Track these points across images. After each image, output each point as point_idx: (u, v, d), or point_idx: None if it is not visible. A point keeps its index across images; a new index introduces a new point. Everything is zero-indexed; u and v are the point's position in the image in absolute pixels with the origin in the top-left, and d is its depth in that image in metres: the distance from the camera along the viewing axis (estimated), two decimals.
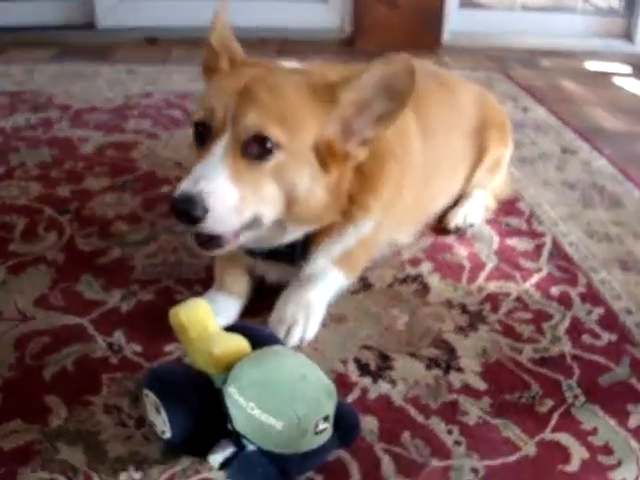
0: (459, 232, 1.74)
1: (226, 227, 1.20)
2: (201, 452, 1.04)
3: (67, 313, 1.37)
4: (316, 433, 0.96)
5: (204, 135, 1.22)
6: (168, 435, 1.02)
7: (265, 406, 0.95)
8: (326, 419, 0.97)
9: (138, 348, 1.28)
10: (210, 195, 1.15)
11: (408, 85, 1.22)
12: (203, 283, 1.48)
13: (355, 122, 1.27)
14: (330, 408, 0.98)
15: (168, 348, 1.28)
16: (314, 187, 1.27)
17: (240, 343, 1.06)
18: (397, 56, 1.21)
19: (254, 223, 1.24)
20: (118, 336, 1.31)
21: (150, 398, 1.04)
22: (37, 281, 1.47)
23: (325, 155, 1.25)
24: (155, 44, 3.35)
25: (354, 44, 3.40)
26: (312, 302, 1.36)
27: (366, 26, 3.34)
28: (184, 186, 1.15)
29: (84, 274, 1.50)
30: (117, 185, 1.90)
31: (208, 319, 1.09)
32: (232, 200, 1.17)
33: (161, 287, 1.47)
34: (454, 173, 1.75)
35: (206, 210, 1.14)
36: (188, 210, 1.13)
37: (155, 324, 1.34)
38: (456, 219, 1.75)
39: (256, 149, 1.20)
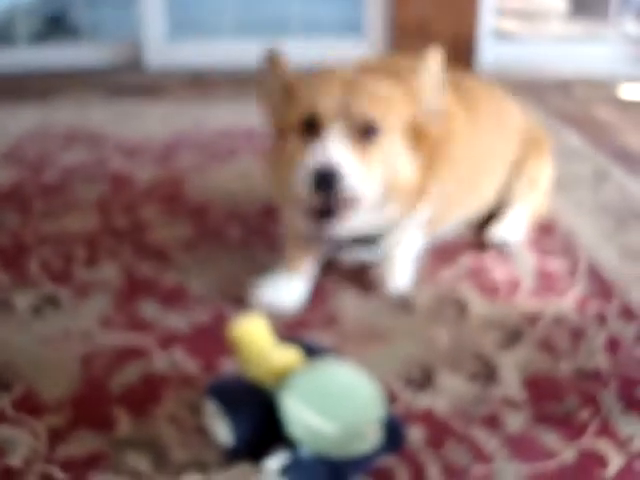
0: (500, 247, 1.82)
1: (355, 194, 1.36)
2: (259, 458, 1.12)
3: (130, 333, 1.47)
4: (367, 437, 1.04)
5: (313, 127, 1.39)
6: (229, 441, 1.11)
7: (320, 412, 1.03)
8: (377, 423, 1.05)
9: (197, 364, 1.38)
10: (342, 164, 1.33)
11: (442, 72, 1.48)
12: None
13: (427, 103, 1.48)
14: (379, 414, 1.06)
15: (225, 363, 1.37)
16: (408, 169, 1.46)
17: (294, 355, 1.15)
18: (432, 53, 1.47)
19: (359, 202, 1.39)
20: (178, 353, 1.41)
21: (213, 406, 1.13)
22: (101, 304, 1.58)
23: (413, 136, 1.45)
24: (202, 83, 3.50)
25: None
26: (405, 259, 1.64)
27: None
28: (321, 159, 1.32)
29: (144, 297, 1.60)
30: (171, 216, 2.01)
31: (263, 333, 1.17)
32: (360, 175, 1.35)
33: (216, 308, 1.56)
34: (494, 174, 1.84)
35: (342, 177, 1.31)
36: (329, 175, 1.30)
37: (212, 342, 1.44)
38: (498, 233, 1.83)
39: (364, 134, 1.38)
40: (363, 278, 1.68)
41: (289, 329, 1.46)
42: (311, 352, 1.18)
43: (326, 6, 3.95)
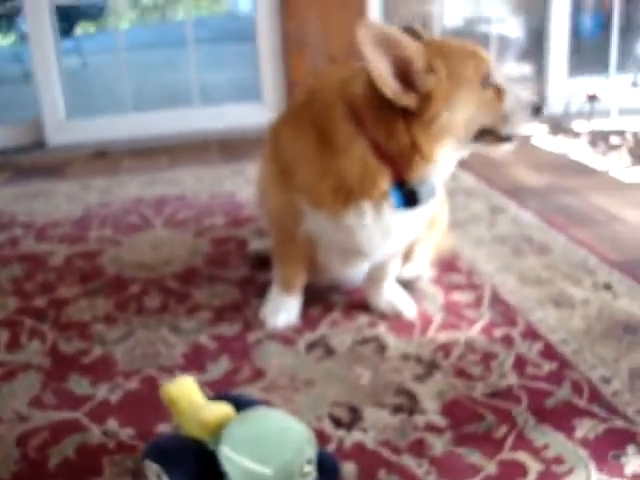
0: (411, 285, 1.95)
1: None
2: None
3: (61, 410, 1.49)
4: (302, 476, 1.10)
5: (489, 82, 1.52)
6: None
7: (256, 457, 1.09)
8: (309, 462, 1.11)
9: (131, 432, 1.41)
10: None
11: None
12: (182, 368, 1.61)
13: None
14: (312, 453, 1.13)
15: (159, 428, 1.41)
16: None
17: (225, 408, 1.20)
18: None
19: None
20: (112, 424, 1.43)
21: (152, 467, 1.17)
22: (28, 385, 1.58)
23: None
24: (105, 157, 3.54)
25: None
26: (395, 287, 1.88)
27: None
28: (530, 98, 1.56)
29: (71, 373, 1.62)
30: (89, 291, 2.04)
31: (194, 391, 1.23)
32: None
33: (144, 376, 1.60)
34: None
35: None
36: (543, 108, 1.56)
37: (144, 408, 1.47)
38: (406, 273, 1.95)
39: None
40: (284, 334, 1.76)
41: (217, 388, 1.51)
42: (240, 405, 1.24)
43: (223, 74, 4.09)
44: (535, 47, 4.20)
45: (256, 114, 3.74)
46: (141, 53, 4.15)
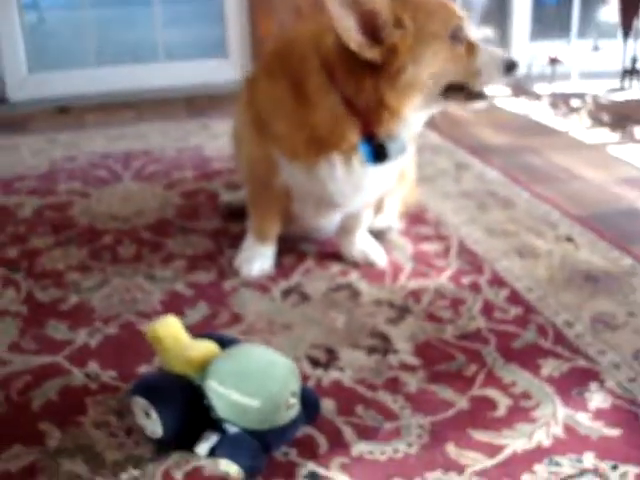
0: (382, 235, 2.01)
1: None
2: (189, 445, 1.20)
3: (41, 354, 1.50)
4: (288, 408, 1.15)
5: (459, 37, 1.55)
6: (159, 433, 1.18)
7: (243, 390, 1.13)
8: (294, 395, 1.16)
9: (113, 374, 1.43)
10: None
11: None
12: (159, 313, 1.64)
13: None
14: (296, 385, 1.18)
15: (140, 370, 1.44)
16: None
17: (210, 345, 1.24)
18: None
19: None
20: (93, 366, 1.46)
21: (140, 403, 1.20)
22: (6, 331, 1.59)
23: None
24: (67, 113, 3.49)
25: None
26: (367, 237, 1.93)
27: None
28: (507, 55, 1.58)
29: (48, 320, 1.63)
30: (61, 241, 2.04)
31: (180, 330, 1.26)
32: None
33: (122, 321, 1.62)
34: None
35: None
36: (518, 66, 1.58)
37: (124, 352, 1.50)
38: (377, 224, 2.00)
39: None
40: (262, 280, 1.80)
41: (196, 331, 1.54)
42: (224, 343, 1.28)
43: (188, 30, 4.04)
44: (498, 11, 4.25)
45: (222, 71, 3.72)
46: (98, 10, 4.06)
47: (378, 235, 2.00)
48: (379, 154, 1.61)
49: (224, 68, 3.72)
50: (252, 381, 1.14)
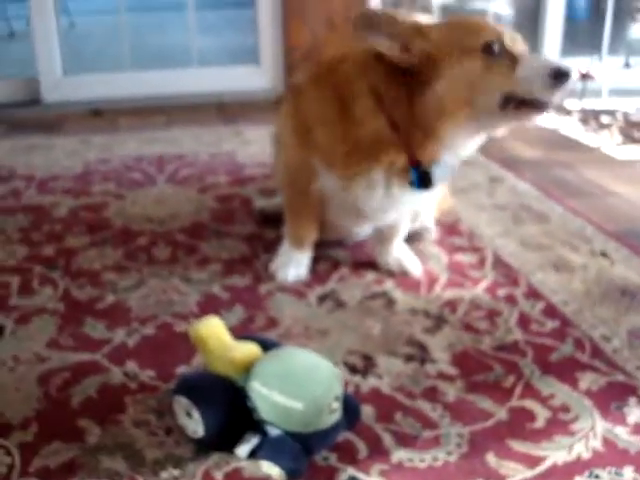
0: (424, 236, 2.06)
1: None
2: (229, 446, 1.21)
3: (79, 351, 1.52)
4: (330, 412, 1.15)
5: (497, 52, 1.51)
6: (201, 433, 1.19)
7: (287, 392, 1.14)
8: (337, 399, 1.16)
9: (152, 373, 1.44)
10: None
11: None
12: (196, 315, 1.65)
13: None
14: (339, 390, 1.18)
15: (178, 370, 1.45)
16: None
17: (253, 347, 1.25)
18: None
19: None
20: (131, 366, 1.47)
21: (181, 403, 1.21)
22: (44, 328, 1.61)
23: None
24: (101, 116, 3.53)
25: None
26: (403, 246, 1.93)
27: None
28: (550, 63, 1.50)
29: (86, 318, 1.65)
30: (97, 241, 2.06)
31: (223, 331, 1.27)
32: None
33: (159, 322, 1.63)
34: None
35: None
36: (571, 72, 1.48)
37: (162, 352, 1.51)
38: (414, 226, 2.02)
39: None
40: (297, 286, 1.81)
41: (234, 334, 1.55)
42: (266, 345, 1.28)
43: (221, 37, 4.08)
44: (530, 26, 4.24)
45: (254, 78, 3.75)
46: (132, 15, 4.10)
47: (414, 237, 2.02)
48: (424, 181, 1.63)
49: (256, 75, 3.75)
50: (296, 384, 1.15)
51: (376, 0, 3.77)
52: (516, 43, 1.55)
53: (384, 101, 1.57)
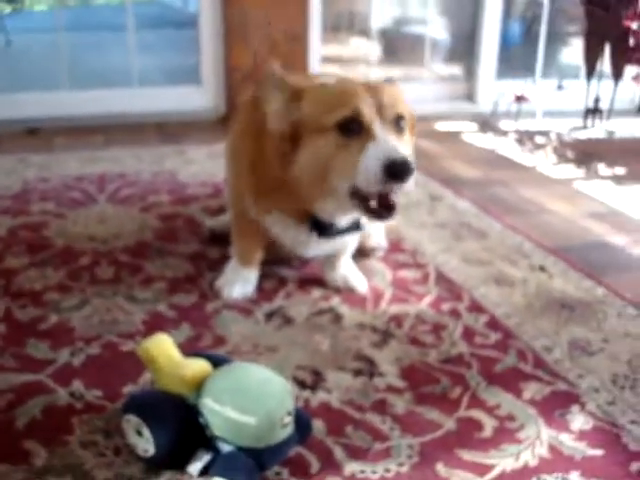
0: (376, 252, 2.10)
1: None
2: (180, 465, 1.19)
3: (23, 372, 1.48)
4: (283, 426, 1.15)
5: (352, 129, 1.47)
6: (152, 452, 1.17)
7: (239, 407, 1.13)
8: (289, 413, 1.17)
9: (98, 393, 1.42)
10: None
11: None
12: (141, 334, 1.63)
13: None
14: (291, 404, 1.18)
15: (126, 389, 1.43)
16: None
17: (203, 364, 1.24)
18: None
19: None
20: (77, 385, 1.44)
21: (131, 421, 1.19)
22: None
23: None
24: (36, 135, 3.46)
25: (229, 122, 3.67)
26: (349, 263, 1.92)
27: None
28: (390, 154, 1.40)
29: (29, 339, 1.61)
30: (38, 261, 2.01)
31: (172, 349, 1.26)
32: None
33: (104, 342, 1.60)
34: None
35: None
36: (407, 166, 1.39)
37: (108, 372, 1.49)
38: (373, 240, 2.08)
39: (397, 126, 1.51)
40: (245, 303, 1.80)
41: (184, 351, 1.54)
42: (216, 361, 1.28)
43: (161, 57, 4.06)
44: (465, 49, 4.37)
45: (195, 98, 3.74)
46: (70, 35, 4.05)
47: (364, 253, 2.06)
48: (321, 229, 1.65)
49: (197, 95, 3.74)
50: (249, 398, 1.15)
51: (316, 21, 3.82)
52: (383, 110, 1.49)
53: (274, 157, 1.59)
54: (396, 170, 1.39)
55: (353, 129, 1.47)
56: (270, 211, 1.70)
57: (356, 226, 1.69)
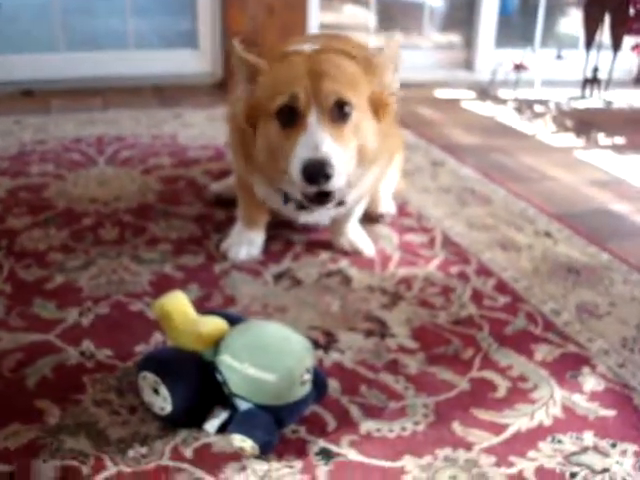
0: (386, 218, 2.08)
1: (342, 182, 1.43)
2: (197, 422, 1.19)
3: (31, 332, 1.46)
4: (302, 383, 1.15)
5: (290, 116, 1.44)
6: (169, 409, 1.17)
7: (258, 364, 1.13)
8: (308, 371, 1.16)
9: (109, 352, 1.41)
10: (333, 156, 1.38)
11: (400, 54, 1.58)
12: (149, 294, 1.62)
13: (384, 81, 1.56)
14: (310, 361, 1.18)
15: (137, 349, 1.42)
16: (374, 136, 1.53)
17: (219, 321, 1.23)
18: (394, 37, 1.57)
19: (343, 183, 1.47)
20: (87, 345, 1.43)
21: (148, 379, 1.18)
22: None
23: (377, 105, 1.53)
24: (32, 96, 3.40)
25: (226, 87, 3.62)
26: (357, 227, 1.90)
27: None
28: (309, 154, 1.37)
29: (35, 298, 1.59)
30: (40, 222, 1.98)
31: (188, 306, 1.24)
32: (344, 157, 1.41)
33: (113, 301, 1.59)
34: None
35: (334, 169, 1.36)
36: (321, 171, 1.36)
37: (118, 331, 1.48)
38: (378, 209, 2.07)
39: (339, 113, 1.45)
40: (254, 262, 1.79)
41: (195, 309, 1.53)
42: (232, 319, 1.27)
43: (158, 20, 3.98)
44: (464, 17, 4.32)
45: (192, 62, 3.69)
46: None
47: (377, 219, 2.06)
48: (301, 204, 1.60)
49: (194, 59, 3.68)
50: (268, 356, 1.14)
51: None
52: (322, 96, 1.44)
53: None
54: (310, 174, 1.37)
55: (291, 117, 1.45)
56: (254, 176, 1.69)
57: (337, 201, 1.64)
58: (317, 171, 1.36)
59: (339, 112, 1.45)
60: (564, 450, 1.19)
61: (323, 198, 1.45)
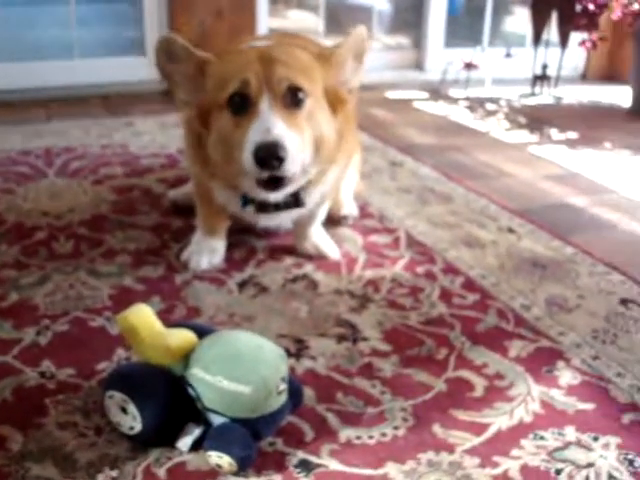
0: (348, 220, 2.05)
1: (297, 167, 1.40)
2: (170, 441, 1.13)
3: None
4: (278, 393, 1.11)
5: (242, 103, 1.41)
6: (139, 428, 1.11)
7: (232, 375, 1.08)
8: (284, 380, 1.12)
9: (71, 371, 1.34)
10: (285, 139, 1.34)
11: (365, 48, 1.55)
12: (110, 309, 1.55)
13: (342, 76, 1.53)
14: (285, 370, 1.13)
15: (100, 366, 1.35)
16: (330, 129, 1.49)
17: (188, 334, 1.18)
18: (357, 31, 1.53)
19: (299, 169, 1.43)
20: (47, 365, 1.35)
21: (115, 398, 1.12)
22: None
23: (332, 99, 1.49)
24: None
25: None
26: (320, 231, 1.85)
27: None
28: (260, 137, 1.33)
29: None
30: None
31: (153, 318, 1.19)
32: (298, 143, 1.37)
33: (71, 318, 1.52)
34: None
35: (286, 152, 1.33)
36: (274, 154, 1.32)
37: (79, 349, 1.41)
38: (347, 208, 2.04)
39: (292, 99, 1.41)
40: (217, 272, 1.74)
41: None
42: (200, 331, 1.22)
43: (104, 29, 3.90)
44: (412, 19, 4.34)
45: (140, 69, 3.60)
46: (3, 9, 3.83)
47: (340, 222, 2.03)
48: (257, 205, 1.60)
49: (142, 66, 3.60)
50: (241, 366, 1.09)
51: None
52: (274, 82, 1.41)
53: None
54: (262, 157, 1.35)
55: (242, 105, 1.42)
56: (213, 180, 1.64)
57: (295, 202, 1.60)
58: (269, 154, 1.34)
59: (292, 98, 1.43)
60: (547, 446, 1.18)
61: (276, 184, 1.42)
